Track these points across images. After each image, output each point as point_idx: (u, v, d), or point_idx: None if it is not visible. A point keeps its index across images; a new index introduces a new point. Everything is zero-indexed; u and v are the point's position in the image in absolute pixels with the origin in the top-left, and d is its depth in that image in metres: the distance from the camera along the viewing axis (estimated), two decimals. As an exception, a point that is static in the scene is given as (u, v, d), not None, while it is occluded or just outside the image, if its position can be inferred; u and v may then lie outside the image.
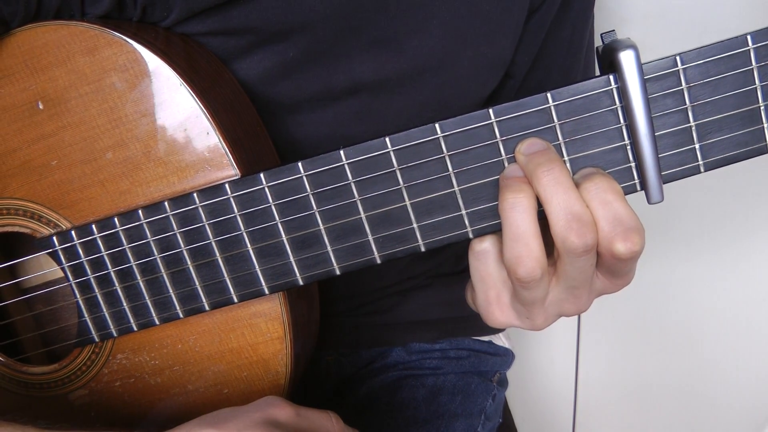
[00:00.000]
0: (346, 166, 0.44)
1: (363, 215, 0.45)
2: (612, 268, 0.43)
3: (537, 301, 0.44)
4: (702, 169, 0.43)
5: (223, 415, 0.46)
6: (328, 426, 0.48)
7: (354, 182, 0.45)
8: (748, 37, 0.41)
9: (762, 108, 0.42)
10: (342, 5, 0.52)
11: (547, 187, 0.41)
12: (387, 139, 0.44)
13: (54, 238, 0.50)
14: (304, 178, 0.45)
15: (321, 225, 0.46)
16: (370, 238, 0.46)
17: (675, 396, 1.10)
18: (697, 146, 0.42)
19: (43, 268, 0.56)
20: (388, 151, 0.44)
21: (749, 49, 0.41)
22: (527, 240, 0.41)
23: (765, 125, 0.42)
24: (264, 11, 0.51)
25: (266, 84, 0.54)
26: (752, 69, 0.41)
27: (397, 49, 0.55)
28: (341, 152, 0.44)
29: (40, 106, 0.49)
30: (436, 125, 0.43)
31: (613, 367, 1.09)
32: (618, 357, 1.09)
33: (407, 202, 0.45)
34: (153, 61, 0.47)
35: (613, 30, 0.44)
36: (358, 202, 0.45)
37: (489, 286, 0.45)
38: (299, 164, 0.45)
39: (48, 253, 0.50)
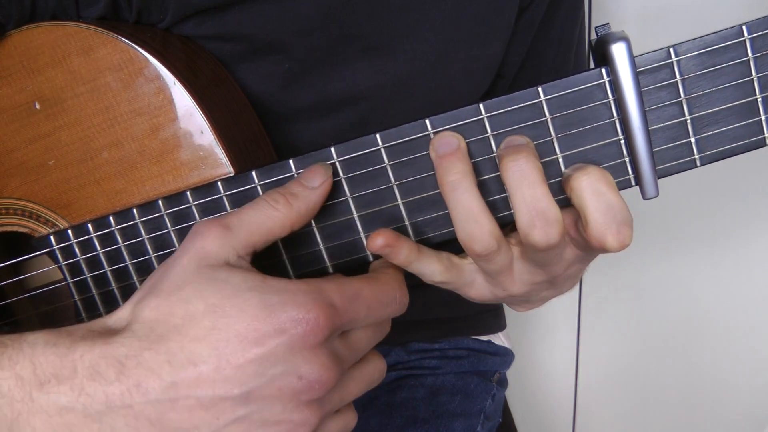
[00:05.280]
0: (337, 163, 0.44)
1: (354, 213, 0.45)
2: (594, 253, 0.43)
3: (502, 270, 0.43)
4: (698, 164, 0.42)
5: (158, 276, 0.39)
6: (270, 212, 0.40)
7: (345, 179, 0.44)
8: (744, 27, 0.40)
9: (759, 100, 0.41)
10: (335, 12, 0.52)
11: (511, 179, 0.40)
12: (377, 136, 0.43)
13: (51, 237, 0.50)
14: (296, 176, 0.45)
15: (312, 223, 0.45)
16: (363, 235, 0.45)
17: (675, 396, 1.09)
18: (692, 140, 0.41)
19: (45, 267, 0.57)
20: (379, 148, 0.44)
21: (745, 40, 0.40)
22: (476, 217, 0.41)
23: (762, 117, 0.41)
24: (257, 18, 0.51)
25: (263, 92, 0.54)
26: (748, 60, 0.40)
27: (390, 54, 0.55)
28: (332, 149, 0.44)
29: (37, 107, 0.49)
30: (427, 121, 0.43)
31: (613, 367, 1.09)
32: (618, 357, 1.08)
33: (399, 199, 0.44)
34: (147, 59, 0.47)
35: (608, 23, 0.43)
36: (350, 200, 0.45)
37: None
38: (290, 162, 0.45)
39: (46, 253, 0.51)
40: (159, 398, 0.35)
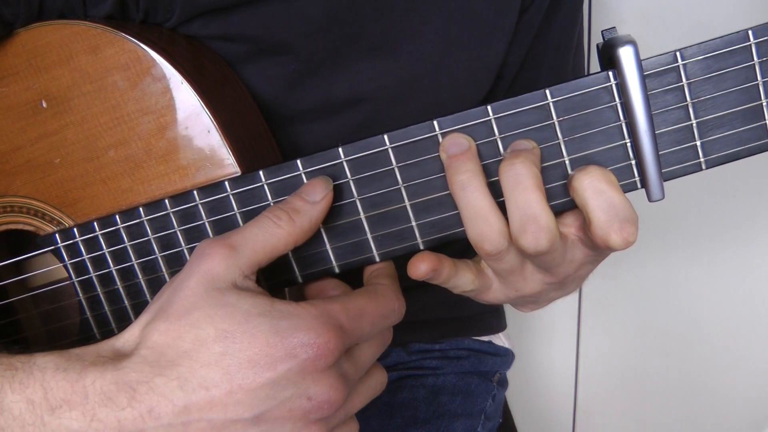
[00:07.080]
0: (345, 164, 0.44)
1: (361, 213, 0.45)
2: (604, 253, 0.43)
3: (513, 270, 0.44)
4: (703, 167, 0.42)
5: (165, 298, 0.39)
6: (274, 230, 0.41)
7: (352, 180, 0.44)
8: (750, 32, 0.40)
9: (764, 104, 0.41)
10: (340, 14, 0.52)
11: (505, 183, 0.41)
12: (385, 137, 0.44)
13: (56, 235, 0.50)
14: (303, 176, 0.45)
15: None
16: (369, 236, 0.45)
17: (675, 396, 1.09)
18: (698, 143, 0.42)
19: (48, 266, 0.57)
20: (387, 149, 0.44)
21: (751, 45, 0.40)
22: (485, 216, 0.41)
23: (767, 122, 0.41)
24: (263, 19, 0.51)
25: (267, 93, 0.54)
26: (754, 64, 0.40)
27: (393, 55, 0.55)
28: (339, 150, 0.44)
29: (44, 105, 0.49)
30: (435, 122, 0.43)
31: (613, 367, 1.09)
32: (618, 356, 1.09)
33: (406, 200, 0.44)
34: (155, 59, 0.48)
35: (614, 27, 0.43)
36: (357, 201, 0.45)
37: None
38: (298, 162, 0.45)
39: (50, 251, 0.51)
40: (171, 422, 0.36)
